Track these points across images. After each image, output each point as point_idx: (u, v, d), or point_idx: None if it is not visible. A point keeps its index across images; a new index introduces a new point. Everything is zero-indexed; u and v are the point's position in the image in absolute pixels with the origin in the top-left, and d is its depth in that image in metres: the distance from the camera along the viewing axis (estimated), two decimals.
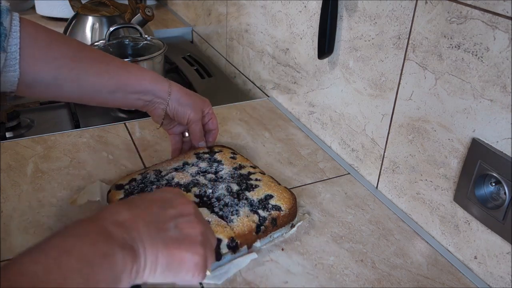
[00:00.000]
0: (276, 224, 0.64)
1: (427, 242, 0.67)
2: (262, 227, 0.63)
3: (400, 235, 0.69)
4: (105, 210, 0.46)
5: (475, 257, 0.61)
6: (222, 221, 0.62)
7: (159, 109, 0.73)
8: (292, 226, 0.67)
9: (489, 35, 0.54)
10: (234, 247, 0.60)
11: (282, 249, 0.64)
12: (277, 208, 0.65)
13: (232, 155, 0.76)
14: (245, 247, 0.62)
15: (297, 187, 0.78)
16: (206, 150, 0.78)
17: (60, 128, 0.94)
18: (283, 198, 0.67)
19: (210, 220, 0.62)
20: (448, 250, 0.66)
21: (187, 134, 0.80)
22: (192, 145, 0.78)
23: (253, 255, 0.62)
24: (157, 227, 0.46)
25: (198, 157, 0.75)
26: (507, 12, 0.52)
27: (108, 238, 0.42)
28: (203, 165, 0.73)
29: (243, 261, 0.61)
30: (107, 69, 0.67)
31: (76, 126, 0.96)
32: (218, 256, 0.59)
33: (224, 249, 0.60)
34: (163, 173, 0.71)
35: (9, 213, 0.68)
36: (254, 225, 0.62)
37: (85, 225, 0.43)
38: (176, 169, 0.72)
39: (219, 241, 0.59)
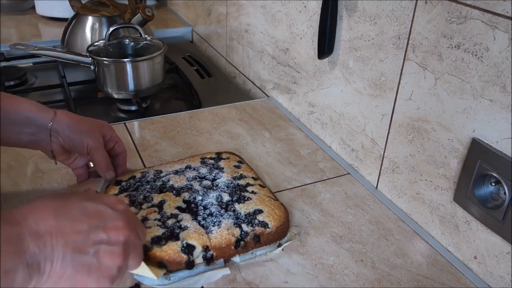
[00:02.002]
0: (259, 241, 0.61)
1: (427, 242, 0.67)
2: (242, 243, 0.60)
3: (400, 235, 0.69)
4: (32, 212, 0.43)
5: (475, 257, 0.61)
6: (201, 228, 0.60)
7: (50, 144, 0.65)
8: (280, 245, 0.64)
9: (489, 35, 0.54)
10: (209, 259, 0.58)
11: (282, 249, 0.64)
12: (264, 224, 0.62)
13: (237, 164, 0.74)
14: (221, 260, 0.60)
15: (297, 187, 0.78)
16: (214, 156, 0.76)
17: None
18: (273, 215, 0.63)
19: (189, 225, 0.60)
20: (448, 250, 0.66)
21: (92, 165, 0.71)
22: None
23: (226, 271, 0.60)
24: (75, 248, 0.43)
25: (203, 162, 0.74)
26: (507, 12, 0.52)
27: (17, 252, 0.40)
28: (204, 170, 0.71)
29: (214, 275, 0.59)
30: None
31: None
32: (190, 265, 0.58)
33: (198, 260, 0.58)
34: (162, 174, 0.71)
35: None
36: (233, 239, 0.60)
37: (2, 227, 0.40)
38: (176, 172, 0.71)
39: (192, 247, 0.58)
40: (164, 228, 0.59)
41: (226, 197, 0.66)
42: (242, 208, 0.64)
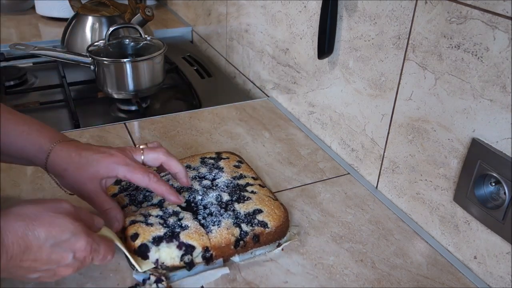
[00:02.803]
0: (258, 241, 0.61)
1: (427, 242, 0.67)
2: (241, 242, 0.60)
3: (400, 235, 0.69)
4: (7, 227, 0.45)
5: (475, 257, 0.61)
6: (202, 228, 0.60)
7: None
8: (279, 245, 0.64)
9: (489, 35, 0.54)
10: (208, 258, 0.59)
11: (282, 249, 0.64)
12: (263, 224, 0.62)
13: (237, 164, 0.74)
14: (220, 260, 0.60)
15: (297, 187, 0.78)
16: (213, 156, 0.76)
17: (60, 128, 0.93)
18: (273, 215, 0.63)
19: (190, 225, 0.60)
20: (448, 250, 0.66)
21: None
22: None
23: (225, 270, 0.60)
24: (22, 276, 0.48)
25: (203, 161, 0.74)
26: (507, 12, 0.52)
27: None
28: (203, 170, 0.71)
29: (214, 274, 0.59)
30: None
31: (76, 126, 0.96)
32: (190, 265, 0.58)
33: (198, 259, 0.58)
34: (161, 174, 0.71)
35: None
36: (233, 239, 0.60)
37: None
38: None
39: (192, 248, 0.58)
40: (166, 228, 0.59)
41: (225, 197, 0.66)
42: (242, 208, 0.64)
